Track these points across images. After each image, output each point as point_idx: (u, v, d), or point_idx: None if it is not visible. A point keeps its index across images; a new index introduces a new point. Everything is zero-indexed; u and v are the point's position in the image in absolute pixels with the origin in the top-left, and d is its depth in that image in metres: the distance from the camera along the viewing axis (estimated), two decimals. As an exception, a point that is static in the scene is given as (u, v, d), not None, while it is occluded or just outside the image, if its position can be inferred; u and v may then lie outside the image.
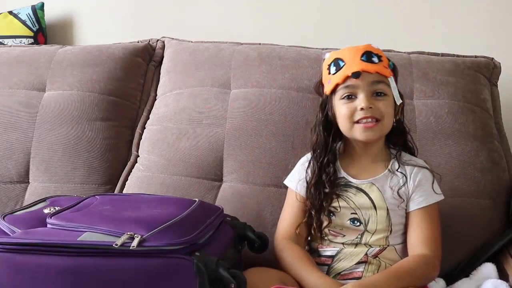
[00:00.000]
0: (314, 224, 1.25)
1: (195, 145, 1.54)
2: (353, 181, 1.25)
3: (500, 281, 1.22)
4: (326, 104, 1.27)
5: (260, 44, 1.69)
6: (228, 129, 1.54)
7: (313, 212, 1.24)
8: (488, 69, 1.63)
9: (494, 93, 1.63)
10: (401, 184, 1.23)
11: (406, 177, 1.23)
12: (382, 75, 1.21)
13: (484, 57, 1.65)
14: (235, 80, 1.61)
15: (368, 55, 1.21)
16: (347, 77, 1.20)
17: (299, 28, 1.94)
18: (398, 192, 1.22)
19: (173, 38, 1.80)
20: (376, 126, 1.20)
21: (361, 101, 1.19)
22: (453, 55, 1.64)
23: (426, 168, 1.26)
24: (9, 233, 1.09)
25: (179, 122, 1.58)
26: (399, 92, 1.25)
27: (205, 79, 1.63)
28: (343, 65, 1.22)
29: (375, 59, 1.21)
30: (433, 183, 1.24)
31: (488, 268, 1.30)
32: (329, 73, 1.25)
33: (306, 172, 1.28)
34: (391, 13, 1.90)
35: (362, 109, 1.19)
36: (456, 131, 1.50)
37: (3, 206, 1.56)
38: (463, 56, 1.64)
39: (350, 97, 1.21)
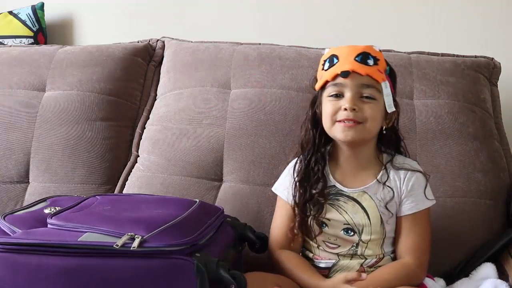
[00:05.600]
0: (300, 227, 1.21)
1: (195, 145, 1.54)
2: (344, 189, 1.21)
3: (500, 281, 1.22)
4: (316, 100, 1.25)
5: (260, 44, 1.69)
6: (228, 129, 1.54)
7: (297, 211, 1.21)
8: (488, 69, 1.63)
9: (494, 93, 1.63)
10: (388, 199, 1.19)
11: (393, 192, 1.20)
12: (373, 79, 1.17)
13: (484, 57, 1.65)
14: (235, 80, 1.61)
15: (364, 56, 1.17)
16: (337, 75, 1.17)
17: (299, 28, 1.94)
18: (386, 206, 1.19)
19: (173, 38, 1.80)
20: (357, 126, 1.16)
21: (346, 101, 1.16)
22: (453, 55, 1.64)
23: (420, 171, 1.23)
24: (10, 233, 1.09)
25: (179, 122, 1.58)
26: (395, 101, 1.21)
27: (205, 79, 1.63)
28: (336, 62, 1.19)
29: (370, 62, 1.17)
30: (425, 188, 1.21)
31: (488, 268, 1.30)
32: (323, 69, 1.22)
33: (294, 169, 1.25)
34: (391, 13, 1.90)
35: (345, 109, 1.15)
36: (456, 131, 1.50)
37: (3, 206, 1.56)
38: (463, 56, 1.63)
39: (338, 95, 1.18)
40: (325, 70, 1.21)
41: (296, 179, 1.24)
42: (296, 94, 1.56)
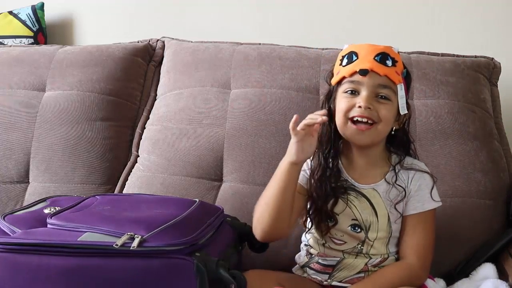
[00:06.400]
0: (317, 220, 1.21)
1: (195, 145, 1.54)
2: (356, 184, 1.22)
3: (500, 281, 1.23)
4: (331, 94, 1.24)
5: (260, 44, 1.69)
6: (228, 129, 1.54)
7: (319, 203, 1.20)
8: (488, 69, 1.63)
9: (494, 93, 1.63)
10: (399, 199, 1.20)
11: (405, 192, 1.20)
12: (391, 80, 1.17)
13: (484, 57, 1.65)
14: (235, 80, 1.62)
15: (383, 56, 1.17)
16: (355, 73, 1.17)
17: (299, 28, 1.94)
18: (395, 207, 1.20)
19: (173, 38, 1.80)
20: (370, 129, 1.16)
21: (361, 99, 1.16)
22: (453, 55, 1.64)
23: (427, 173, 1.23)
24: (10, 233, 1.10)
25: (179, 122, 1.58)
26: (407, 103, 1.21)
27: (205, 79, 1.63)
28: (355, 59, 1.18)
29: (389, 62, 1.17)
30: (432, 189, 1.21)
31: (488, 268, 1.30)
32: (340, 64, 1.22)
33: (310, 162, 1.24)
34: (391, 13, 1.90)
35: (360, 107, 1.15)
36: (456, 131, 1.50)
37: (3, 206, 1.56)
38: (463, 56, 1.64)
39: (353, 92, 1.18)
40: (343, 66, 1.20)
41: (316, 173, 1.22)
42: (296, 94, 1.56)
